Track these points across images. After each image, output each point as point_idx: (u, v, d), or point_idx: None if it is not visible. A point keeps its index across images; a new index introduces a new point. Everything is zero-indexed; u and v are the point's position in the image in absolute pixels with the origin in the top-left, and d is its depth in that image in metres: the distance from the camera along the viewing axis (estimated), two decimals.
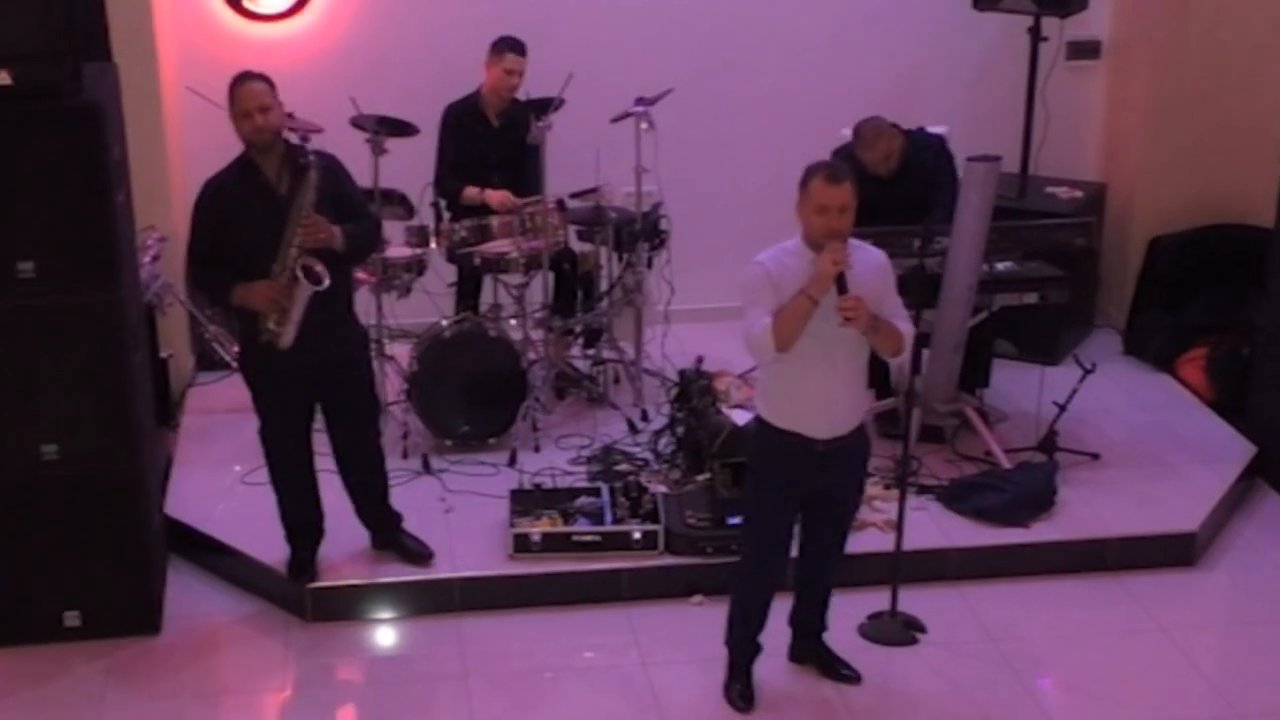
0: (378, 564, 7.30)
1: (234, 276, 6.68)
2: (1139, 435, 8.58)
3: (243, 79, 6.71)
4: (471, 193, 8.67)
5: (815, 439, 6.09)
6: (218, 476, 8.06)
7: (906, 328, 6.17)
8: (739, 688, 6.52)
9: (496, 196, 8.61)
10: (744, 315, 6.06)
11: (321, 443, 7.16)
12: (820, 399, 6.07)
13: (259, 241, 6.60)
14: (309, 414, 7.06)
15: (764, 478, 6.31)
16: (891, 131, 8.23)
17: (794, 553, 6.52)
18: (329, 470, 7.24)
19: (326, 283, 6.62)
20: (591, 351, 9.08)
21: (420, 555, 7.29)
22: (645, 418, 8.61)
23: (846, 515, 6.50)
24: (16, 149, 6.40)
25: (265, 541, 7.34)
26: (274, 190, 6.67)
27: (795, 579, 6.59)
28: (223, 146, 8.66)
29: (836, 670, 6.65)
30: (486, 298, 8.92)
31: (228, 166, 6.80)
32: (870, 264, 6.09)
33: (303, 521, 7.22)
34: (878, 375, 8.53)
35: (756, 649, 6.56)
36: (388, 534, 7.36)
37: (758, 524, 6.39)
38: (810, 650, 6.71)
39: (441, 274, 8.77)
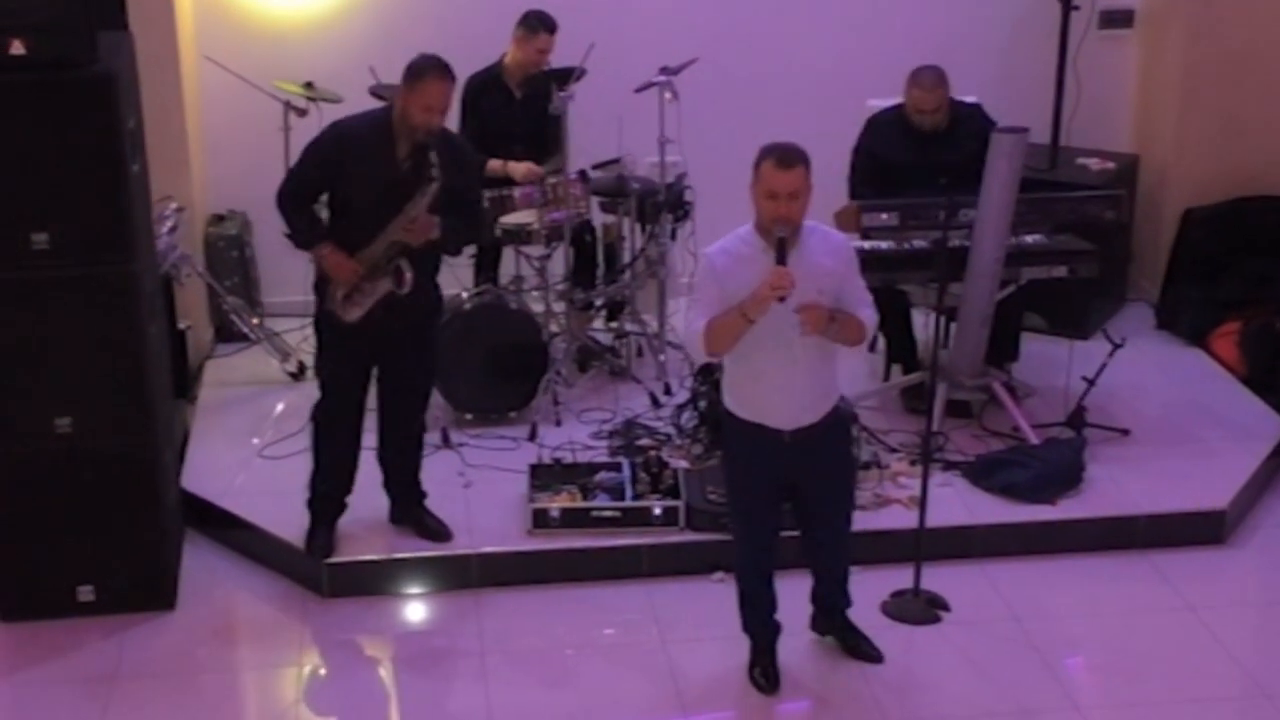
0: (395, 539, 7.24)
1: (325, 229, 6.73)
2: (1170, 411, 8.48)
3: (442, 72, 6.63)
4: (495, 165, 8.57)
5: (780, 430, 6.00)
6: (235, 450, 8.01)
7: (869, 314, 6.05)
8: (761, 668, 6.45)
9: (520, 169, 8.53)
10: (690, 306, 5.98)
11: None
12: (781, 391, 5.96)
13: (364, 202, 6.63)
14: (367, 378, 7.02)
15: (736, 467, 6.25)
16: (947, 84, 8.13)
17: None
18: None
19: (407, 289, 6.66)
20: (614, 324, 9.00)
21: (439, 534, 7.23)
22: (668, 391, 8.53)
23: (839, 499, 6.37)
24: (31, 119, 6.35)
25: (283, 516, 7.29)
26: (398, 165, 6.65)
27: (808, 561, 6.51)
28: (241, 116, 8.65)
29: (859, 648, 6.57)
30: (507, 270, 8.83)
31: (363, 117, 6.83)
32: (829, 248, 5.98)
33: (332, 495, 7.17)
34: (904, 349, 8.46)
35: (775, 629, 6.48)
36: (409, 508, 7.30)
37: (738, 511, 6.35)
38: (833, 625, 6.61)
39: None
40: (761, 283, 5.70)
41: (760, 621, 6.45)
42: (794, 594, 6.52)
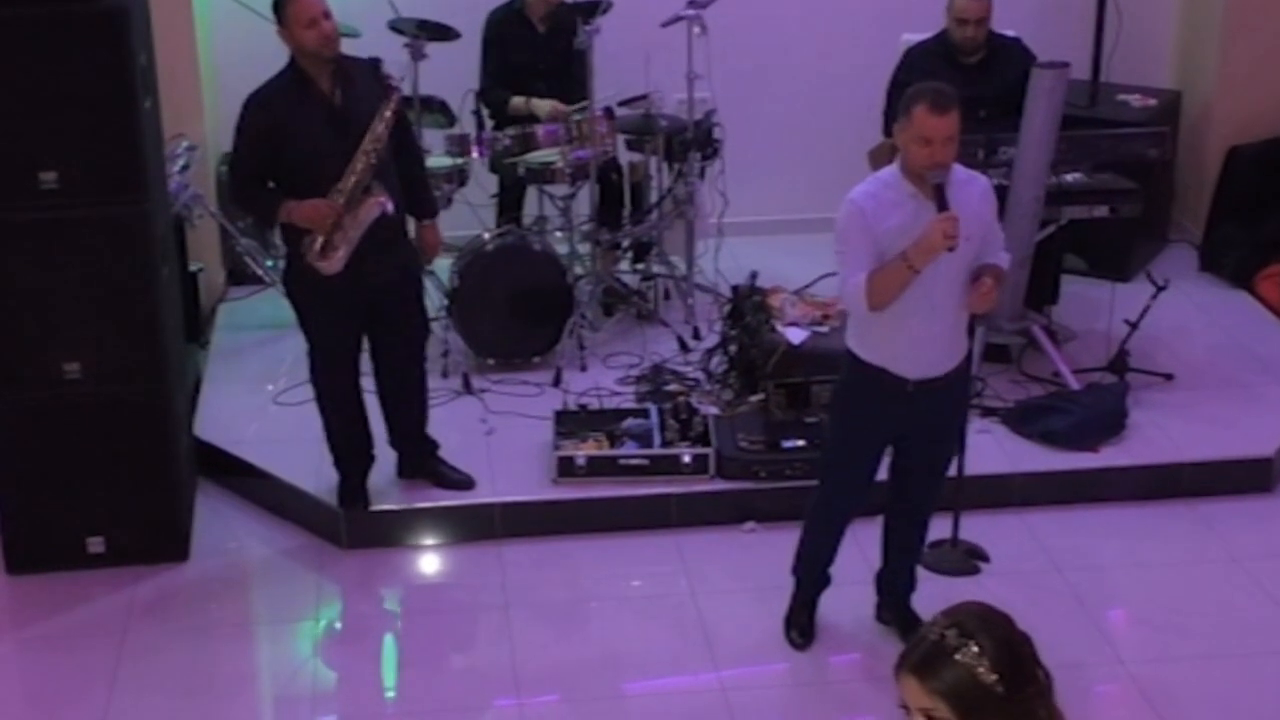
0: (416, 489, 7.10)
1: (283, 193, 6.44)
2: (1214, 355, 8.32)
3: None
4: (518, 103, 8.42)
5: (906, 379, 5.77)
6: (249, 396, 7.87)
7: (1006, 257, 5.91)
8: (799, 626, 6.28)
9: (544, 106, 8.33)
10: (839, 263, 5.73)
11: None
12: (915, 338, 5.71)
13: (319, 154, 6.38)
14: (360, 336, 6.82)
15: (848, 414, 6.01)
16: None
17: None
18: (369, 391, 7.02)
19: (391, 208, 6.46)
20: (641, 266, 8.83)
21: (460, 483, 7.08)
22: (697, 335, 8.37)
23: (941, 462, 6.13)
24: (39, 54, 6.19)
25: (299, 464, 7.17)
26: (330, 101, 6.43)
27: (883, 534, 6.30)
28: (255, 51, 8.42)
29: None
30: (530, 209, 8.67)
31: (273, 80, 6.53)
32: (974, 192, 5.73)
33: (353, 447, 7.00)
34: None
35: (825, 581, 6.31)
36: (423, 461, 7.13)
37: (838, 460, 6.10)
38: (895, 613, 6.36)
39: (484, 184, 8.51)
40: (930, 230, 5.45)
41: (816, 569, 6.26)
42: (846, 543, 6.32)
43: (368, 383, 6.95)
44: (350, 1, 8.00)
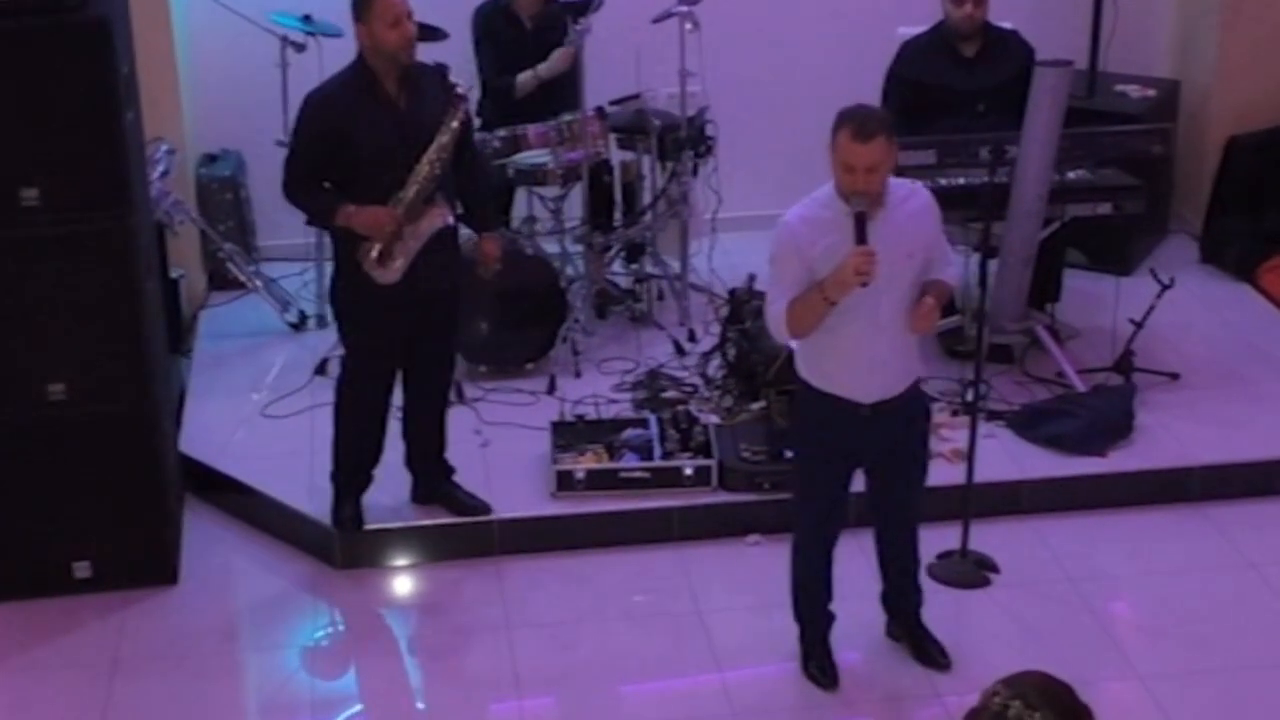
0: (411, 506, 6.97)
1: (340, 195, 6.29)
2: (1219, 352, 8.21)
3: None
4: (525, 78, 8.24)
5: (860, 403, 5.64)
6: (235, 407, 7.72)
7: (953, 273, 5.80)
8: (817, 662, 6.10)
9: (549, 64, 8.16)
10: (768, 285, 5.66)
11: None
12: (864, 361, 5.59)
13: (381, 159, 6.24)
14: (400, 351, 6.63)
15: (807, 443, 5.90)
16: None
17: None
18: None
19: (451, 220, 6.39)
20: (634, 267, 8.71)
21: (476, 509, 6.92)
22: (692, 338, 8.26)
23: (914, 479, 5.99)
24: (18, 67, 6.06)
25: (290, 481, 7.04)
26: (395, 104, 6.29)
27: (877, 555, 6.16)
28: (234, 49, 8.32)
29: (927, 653, 6.18)
30: (520, 211, 8.52)
31: (337, 78, 6.39)
32: (916, 208, 5.60)
33: (361, 465, 6.83)
34: None
35: (829, 619, 6.13)
36: (438, 485, 6.97)
37: (806, 492, 5.97)
38: (905, 628, 6.25)
39: None
40: (843, 264, 5.33)
41: (817, 610, 6.10)
42: (853, 554, 6.23)
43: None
44: (336, 1, 7.86)
